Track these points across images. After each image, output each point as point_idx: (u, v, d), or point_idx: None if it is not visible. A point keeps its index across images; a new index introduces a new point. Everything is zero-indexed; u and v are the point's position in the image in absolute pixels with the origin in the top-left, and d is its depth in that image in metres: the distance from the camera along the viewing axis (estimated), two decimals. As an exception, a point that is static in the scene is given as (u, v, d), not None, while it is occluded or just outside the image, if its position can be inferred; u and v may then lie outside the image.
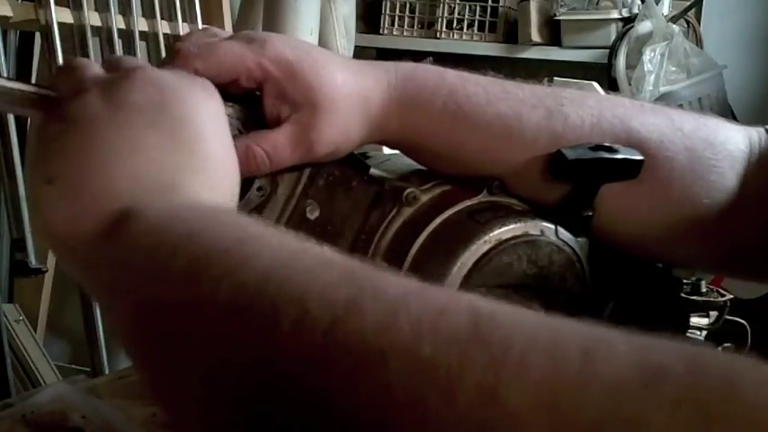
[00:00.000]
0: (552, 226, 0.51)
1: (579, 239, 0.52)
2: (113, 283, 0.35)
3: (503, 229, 0.50)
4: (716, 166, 0.54)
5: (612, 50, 1.93)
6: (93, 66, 0.44)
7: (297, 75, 0.50)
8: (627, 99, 0.59)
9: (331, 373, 0.26)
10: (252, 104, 0.51)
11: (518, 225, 0.50)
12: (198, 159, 0.40)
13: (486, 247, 0.49)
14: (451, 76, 0.54)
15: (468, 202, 0.53)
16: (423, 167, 0.56)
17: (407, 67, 0.54)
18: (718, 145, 0.55)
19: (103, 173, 0.37)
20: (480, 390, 0.23)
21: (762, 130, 0.57)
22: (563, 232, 0.52)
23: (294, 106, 0.50)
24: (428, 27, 2.23)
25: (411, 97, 0.53)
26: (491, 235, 0.49)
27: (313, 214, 0.53)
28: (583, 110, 0.54)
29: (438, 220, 0.52)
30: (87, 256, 0.37)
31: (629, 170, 0.53)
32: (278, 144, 0.50)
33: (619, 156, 0.52)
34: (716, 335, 0.82)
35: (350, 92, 0.51)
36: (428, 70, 0.55)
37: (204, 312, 0.30)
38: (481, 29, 2.15)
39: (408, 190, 0.53)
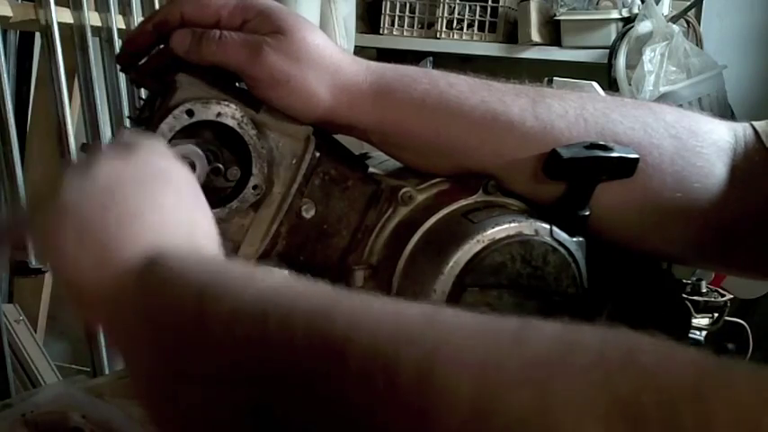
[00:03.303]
0: (547, 226, 0.51)
1: (576, 240, 0.52)
2: (139, 326, 0.36)
3: (496, 228, 0.50)
4: (702, 153, 0.55)
5: (612, 50, 1.92)
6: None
7: (277, 13, 0.52)
8: (608, 96, 0.60)
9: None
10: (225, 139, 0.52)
11: (512, 225, 0.50)
12: (200, 216, 0.43)
13: (479, 246, 0.49)
14: (433, 71, 0.55)
15: (463, 202, 0.53)
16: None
17: (389, 64, 0.55)
18: (702, 134, 0.56)
19: (131, 226, 0.39)
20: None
21: (747, 125, 0.58)
22: (558, 232, 0.52)
23: (266, 32, 0.51)
24: (428, 27, 2.22)
25: (389, 82, 0.53)
26: (484, 234, 0.50)
27: (309, 213, 0.53)
28: (565, 101, 0.55)
29: (432, 220, 0.52)
30: (114, 304, 0.38)
31: (625, 168, 0.53)
32: (230, 37, 0.51)
33: (614, 154, 0.52)
34: (716, 335, 0.82)
35: (323, 53, 0.52)
36: (410, 67, 0.56)
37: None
38: (481, 29, 2.15)
39: (404, 189, 0.53)
